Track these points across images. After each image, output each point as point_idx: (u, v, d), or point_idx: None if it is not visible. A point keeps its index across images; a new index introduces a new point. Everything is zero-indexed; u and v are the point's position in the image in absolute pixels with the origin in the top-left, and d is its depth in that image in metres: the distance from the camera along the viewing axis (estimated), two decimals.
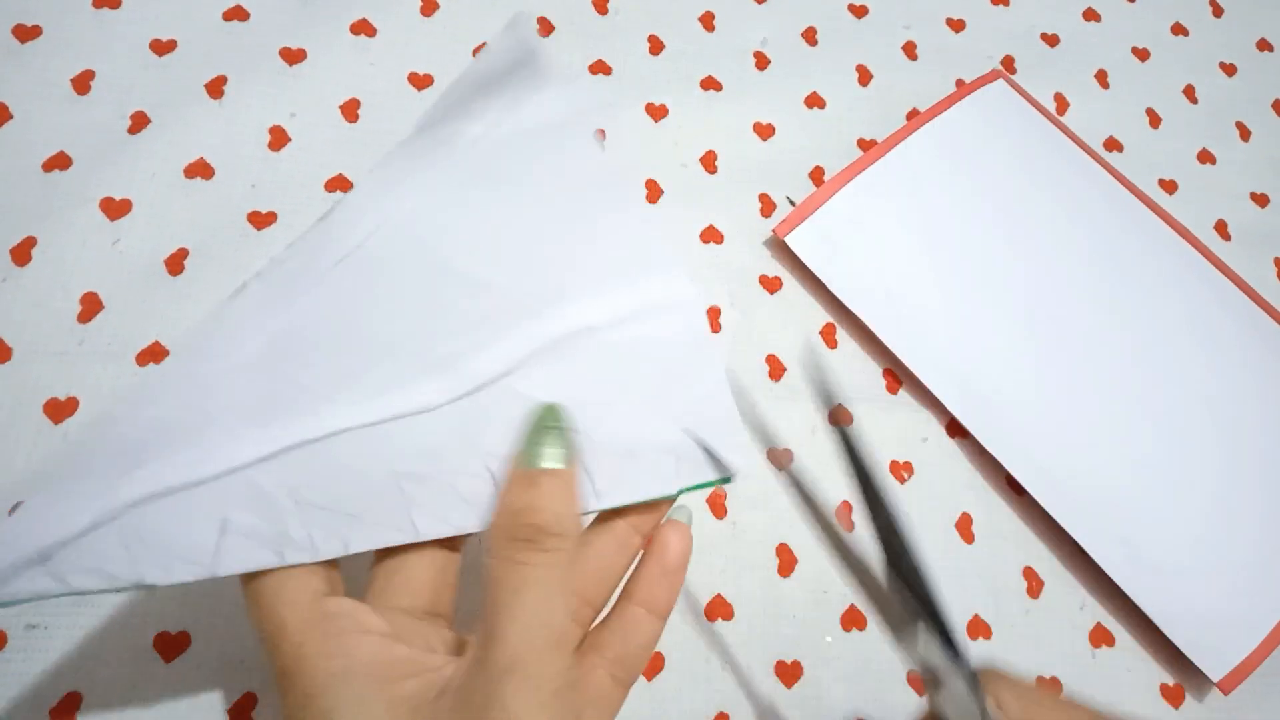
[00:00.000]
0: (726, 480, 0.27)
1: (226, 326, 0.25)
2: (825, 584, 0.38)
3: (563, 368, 0.26)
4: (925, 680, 0.26)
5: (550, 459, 0.24)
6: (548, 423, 0.25)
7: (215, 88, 0.41)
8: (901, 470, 0.40)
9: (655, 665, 0.35)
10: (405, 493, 0.25)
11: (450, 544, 0.26)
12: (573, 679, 0.23)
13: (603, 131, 0.43)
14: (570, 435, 0.25)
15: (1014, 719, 0.26)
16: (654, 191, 0.43)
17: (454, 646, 0.25)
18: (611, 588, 0.26)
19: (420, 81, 0.43)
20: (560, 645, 0.23)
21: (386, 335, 0.26)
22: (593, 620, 0.26)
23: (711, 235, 0.43)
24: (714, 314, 0.41)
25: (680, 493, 0.26)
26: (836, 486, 0.39)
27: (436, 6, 0.45)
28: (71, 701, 0.31)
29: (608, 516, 0.26)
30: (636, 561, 0.27)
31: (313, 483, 0.24)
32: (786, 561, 0.38)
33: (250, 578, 0.24)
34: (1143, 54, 0.53)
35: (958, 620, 0.27)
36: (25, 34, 0.40)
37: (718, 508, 0.38)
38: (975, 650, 0.38)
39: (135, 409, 0.24)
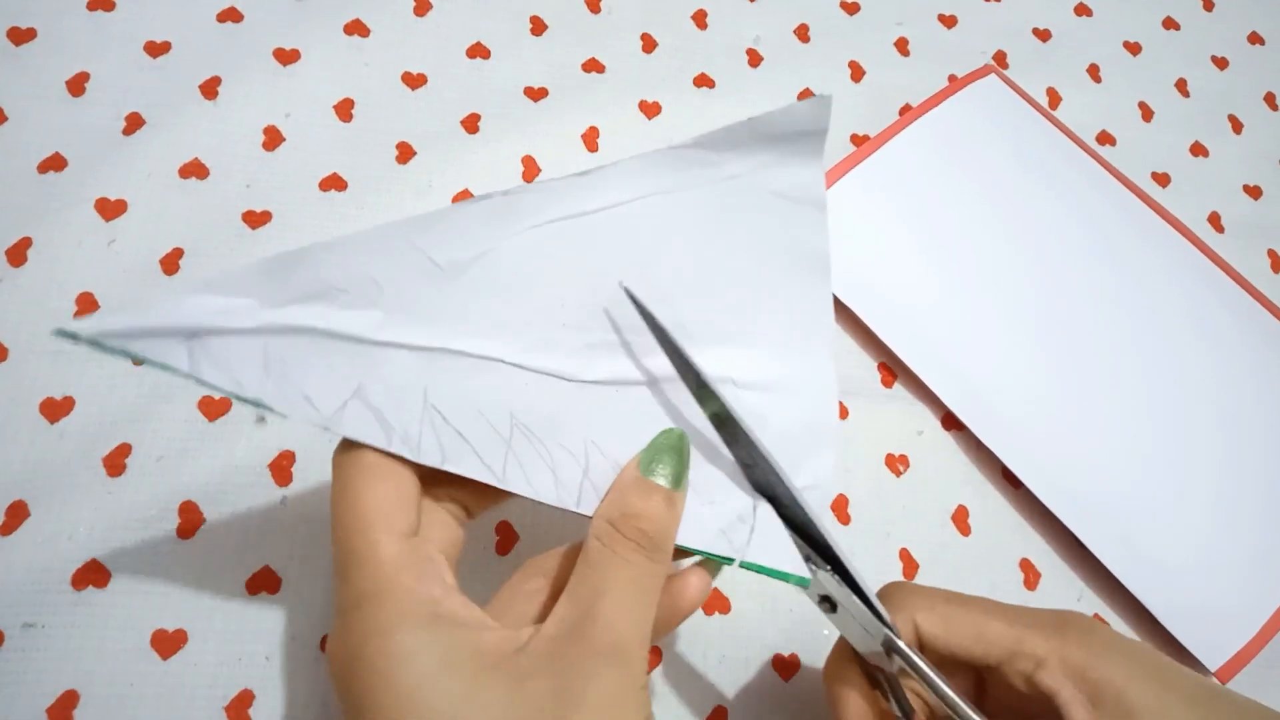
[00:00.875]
0: (795, 582, 0.27)
1: (443, 224, 0.26)
2: None
3: (692, 402, 0.28)
4: (822, 608, 0.27)
5: (667, 479, 0.25)
6: (676, 446, 0.26)
7: (210, 88, 0.41)
8: (897, 463, 0.40)
9: (653, 660, 0.35)
10: (513, 442, 0.26)
11: (461, 520, 0.27)
12: (647, 681, 0.24)
13: (596, 129, 0.44)
14: (687, 469, 0.26)
15: (933, 637, 0.27)
16: None
17: None
18: None
19: (414, 81, 0.43)
20: (648, 648, 0.23)
21: (563, 300, 0.28)
22: None
23: None
24: None
25: (739, 564, 0.27)
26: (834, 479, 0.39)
27: (430, 6, 0.45)
28: (69, 699, 0.31)
29: None
30: None
31: (445, 391, 0.25)
32: None
33: (354, 488, 0.24)
34: (1134, 48, 0.53)
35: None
36: (20, 36, 0.40)
37: None
38: None
39: (329, 251, 0.25)
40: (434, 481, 0.25)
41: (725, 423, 0.27)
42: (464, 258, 0.26)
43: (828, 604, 0.27)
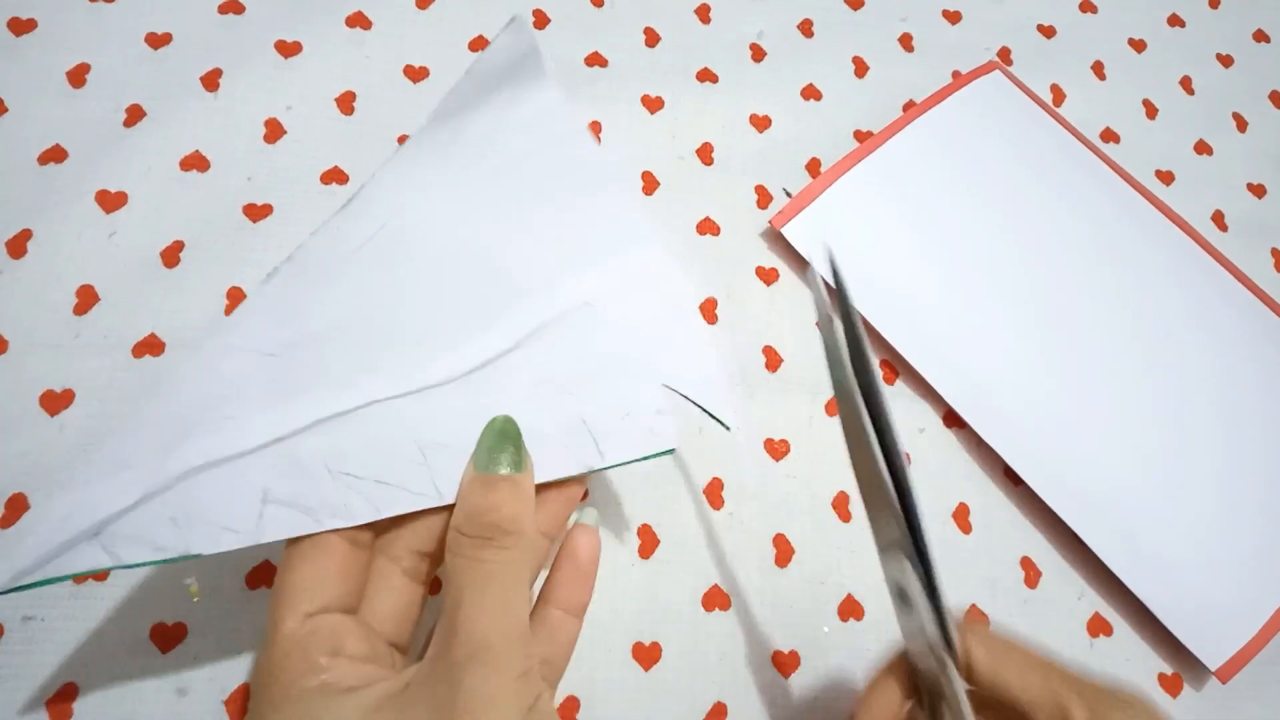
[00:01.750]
0: (726, 427, 0.29)
1: (257, 310, 0.27)
2: (822, 574, 0.38)
3: (562, 340, 0.28)
4: (895, 603, 0.27)
5: (506, 465, 0.25)
6: (504, 434, 0.26)
7: (210, 81, 0.41)
8: None
9: (653, 656, 0.35)
10: (429, 460, 0.26)
11: (420, 579, 0.27)
12: (530, 669, 0.23)
13: (598, 124, 0.43)
14: (523, 445, 0.26)
15: (982, 670, 0.27)
16: (650, 183, 0.43)
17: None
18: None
19: (416, 74, 0.43)
20: (521, 635, 0.23)
21: (405, 316, 0.28)
22: None
23: (708, 227, 0.43)
24: (710, 305, 0.41)
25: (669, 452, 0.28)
26: (835, 475, 0.39)
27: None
28: (69, 692, 0.31)
29: None
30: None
31: (345, 452, 0.26)
32: (784, 552, 0.38)
33: (280, 571, 0.25)
34: (1139, 45, 0.53)
35: (955, 608, 0.28)
36: (20, 27, 0.40)
37: (715, 499, 0.38)
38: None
39: (174, 389, 0.26)
40: (390, 542, 0.26)
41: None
42: (287, 336, 0.27)
43: (902, 600, 0.27)
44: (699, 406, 0.29)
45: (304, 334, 0.27)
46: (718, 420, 0.29)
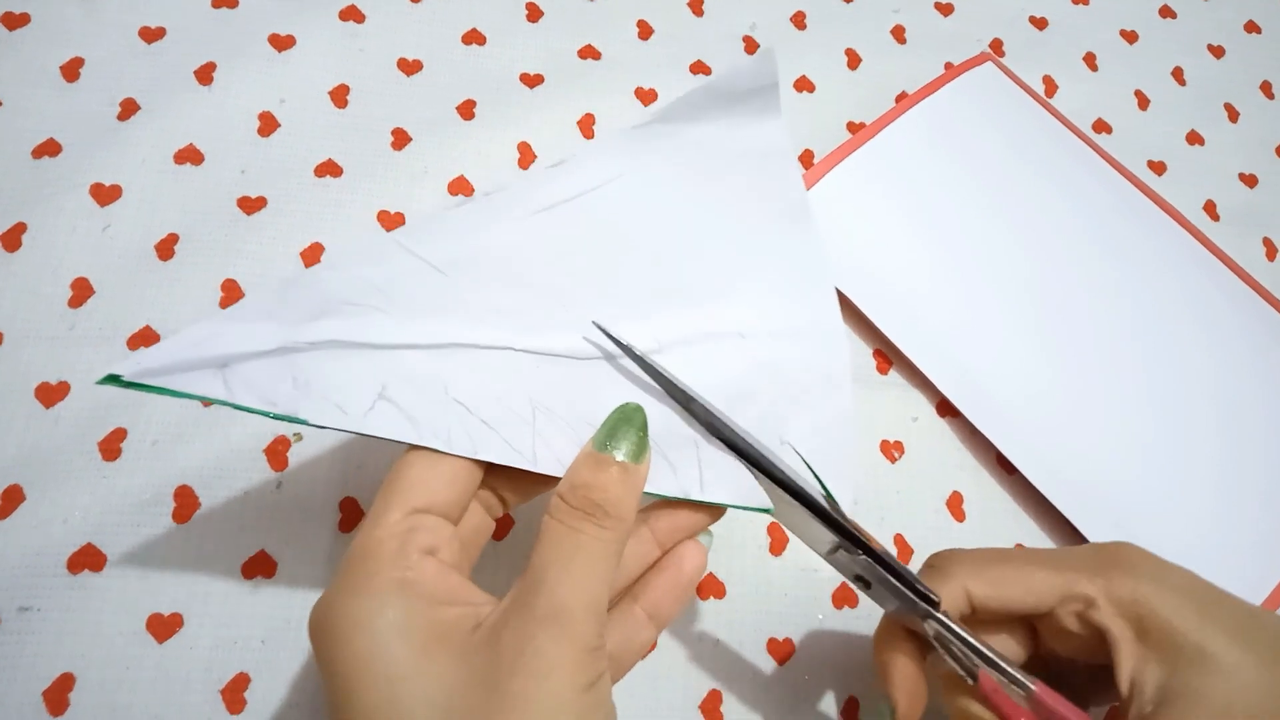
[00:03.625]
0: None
1: (443, 225, 0.28)
2: (816, 562, 0.37)
3: (705, 361, 0.28)
4: (860, 590, 0.28)
5: (624, 453, 0.25)
6: (631, 420, 0.26)
7: (205, 74, 0.41)
8: (892, 450, 0.40)
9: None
10: (537, 423, 0.27)
11: (494, 515, 0.28)
12: (601, 647, 0.23)
13: (591, 116, 0.44)
14: (647, 439, 0.26)
15: (985, 600, 0.28)
16: None
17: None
18: (618, 589, 0.27)
19: (410, 67, 0.43)
20: (599, 613, 0.23)
21: (563, 282, 0.29)
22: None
23: None
24: None
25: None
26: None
27: None
28: (65, 682, 0.31)
29: (636, 523, 0.27)
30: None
31: (464, 383, 0.26)
32: (778, 540, 0.38)
33: (400, 464, 0.25)
34: (1131, 36, 0.53)
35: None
36: (14, 21, 0.40)
37: None
38: None
39: (333, 269, 0.26)
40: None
41: (723, 434, 0.27)
42: (458, 256, 0.27)
43: (862, 582, 0.28)
44: (817, 479, 0.29)
45: (473, 263, 0.28)
46: (830, 498, 0.28)
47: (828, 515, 0.27)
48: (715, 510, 0.28)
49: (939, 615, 0.27)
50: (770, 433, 0.29)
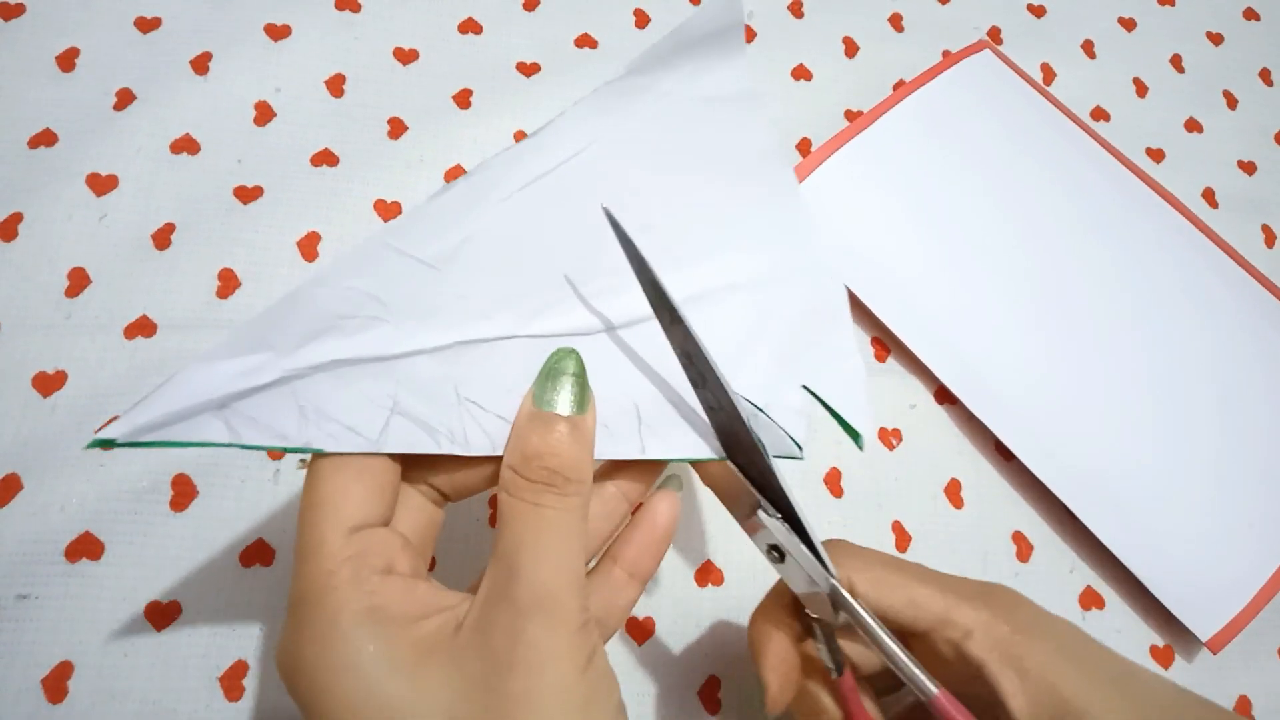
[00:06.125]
0: (856, 442, 0.28)
1: (427, 217, 0.26)
2: None
3: (705, 319, 0.27)
4: (772, 562, 0.27)
5: (567, 406, 0.24)
6: (566, 368, 0.24)
7: (200, 64, 0.41)
8: (890, 437, 0.40)
9: (646, 630, 0.35)
10: None
11: (438, 503, 0.26)
12: (588, 621, 0.23)
13: None
14: (587, 384, 0.24)
15: (865, 598, 0.27)
16: None
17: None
18: (594, 551, 0.27)
19: (405, 56, 0.43)
20: (580, 587, 0.23)
21: (555, 260, 0.28)
22: None
23: None
24: None
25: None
26: (826, 452, 0.39)
27: None
28: (63, 670, 0.31)
29: (598, 479, 0.26)
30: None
31: (474, 381, 0.25)
32: None
33: (314, 481, 0.23)
34: (1129, 24, 0.53)
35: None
36: (9, 12, 0.40)
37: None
38: None
39: (327, 277, 0.25)
40: (408, 466, 0.25)
41: (693, 360, 0.26)
42: (447, 248, 0.26)
43: (776, 553, 0.27)
44: (834, 415, 0.28)
45: (461, 253, 0.26)
46: (850, 431, 0.28)
47: (755, 471, 0.26)
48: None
49: (848, 599, 0.26)
50: (787, 375, 0.28)
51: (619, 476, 0.27)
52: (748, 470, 0.26)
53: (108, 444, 0.21)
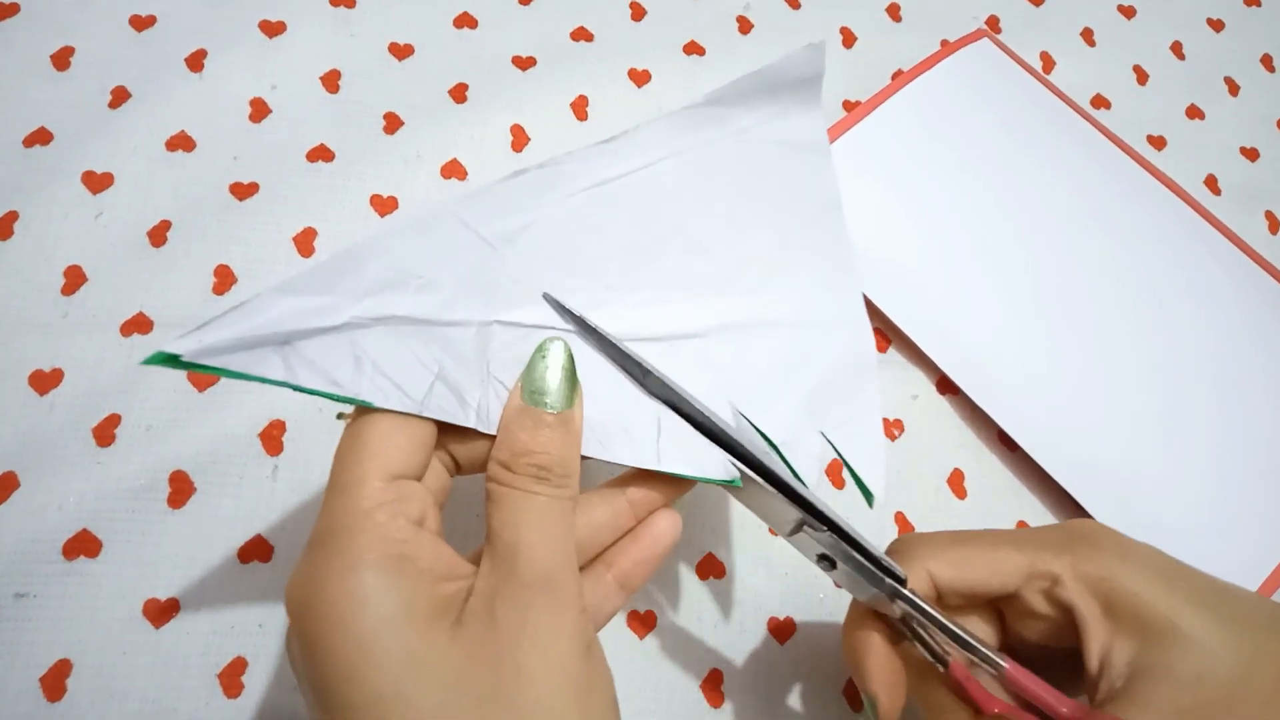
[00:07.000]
0: (868, 500, 0.29)
1: (495, 198, 0.27)
2: None
3: (745, 348, 0.29)
4: (825, 569, 0.27)
5: (555, 402, 0.24)
6: (552, 361, 0.25)
7: (195, 61, 0.41)
8: (892, 428, 0.40)
9: (648, 623, 0.35)
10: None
11: (450, 470, 0.26)
12: (586, 605, 0.23)
13: (583, 97, 0.43)
14: (576, 379, 0.25)
15: (950, 582, 0.27)
16: None
17: None
18: (589, 556, 0.27)
19: (401, 52, 0.43)
20: (576, 574, 0.23)
21: (606, 262, 0.29)
22: None
23: None
24: None
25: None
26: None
27: None
28: (62, 668, 0.31)
29: (612, 487, 0.27)
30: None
31: (504, 362, 0.26)
32: None
33: (360, 425, 0.23)
34: (1129, 11, 0.52)
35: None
36: (3, 11, 0.40)
37: None
38: None
39: (393, 238, 0.25)
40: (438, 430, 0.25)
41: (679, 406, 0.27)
42: (509, 230, 0.27)
43: (826, 562, 0.27)
44: (850, 471, 0.29)
45: (520, 238, 0.27)
46: (864, 489, 0.29)
47: (791, 491, 0.26)
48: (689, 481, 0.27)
49: (907, 593, 0.26)
50: (811, 421, 0.29)
51: (637, 485, 0.27)
52: (782, 488, 0.26)
53: (172, 360, 0.21)
